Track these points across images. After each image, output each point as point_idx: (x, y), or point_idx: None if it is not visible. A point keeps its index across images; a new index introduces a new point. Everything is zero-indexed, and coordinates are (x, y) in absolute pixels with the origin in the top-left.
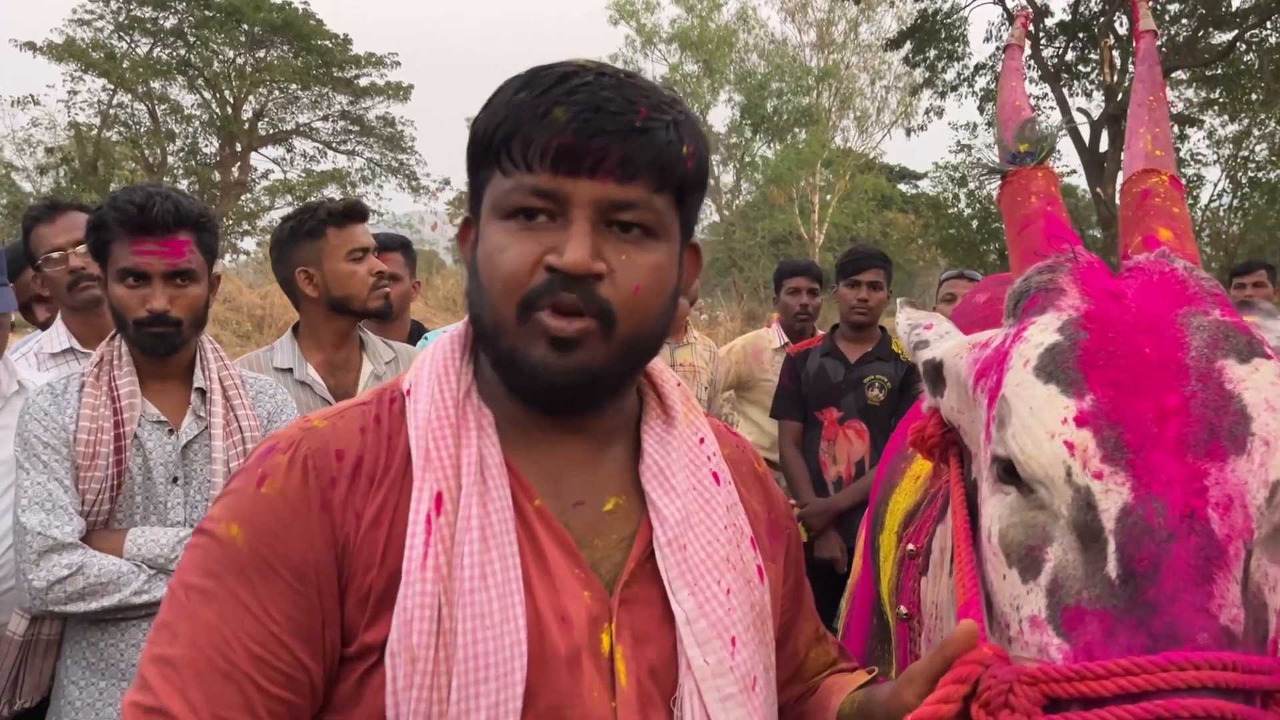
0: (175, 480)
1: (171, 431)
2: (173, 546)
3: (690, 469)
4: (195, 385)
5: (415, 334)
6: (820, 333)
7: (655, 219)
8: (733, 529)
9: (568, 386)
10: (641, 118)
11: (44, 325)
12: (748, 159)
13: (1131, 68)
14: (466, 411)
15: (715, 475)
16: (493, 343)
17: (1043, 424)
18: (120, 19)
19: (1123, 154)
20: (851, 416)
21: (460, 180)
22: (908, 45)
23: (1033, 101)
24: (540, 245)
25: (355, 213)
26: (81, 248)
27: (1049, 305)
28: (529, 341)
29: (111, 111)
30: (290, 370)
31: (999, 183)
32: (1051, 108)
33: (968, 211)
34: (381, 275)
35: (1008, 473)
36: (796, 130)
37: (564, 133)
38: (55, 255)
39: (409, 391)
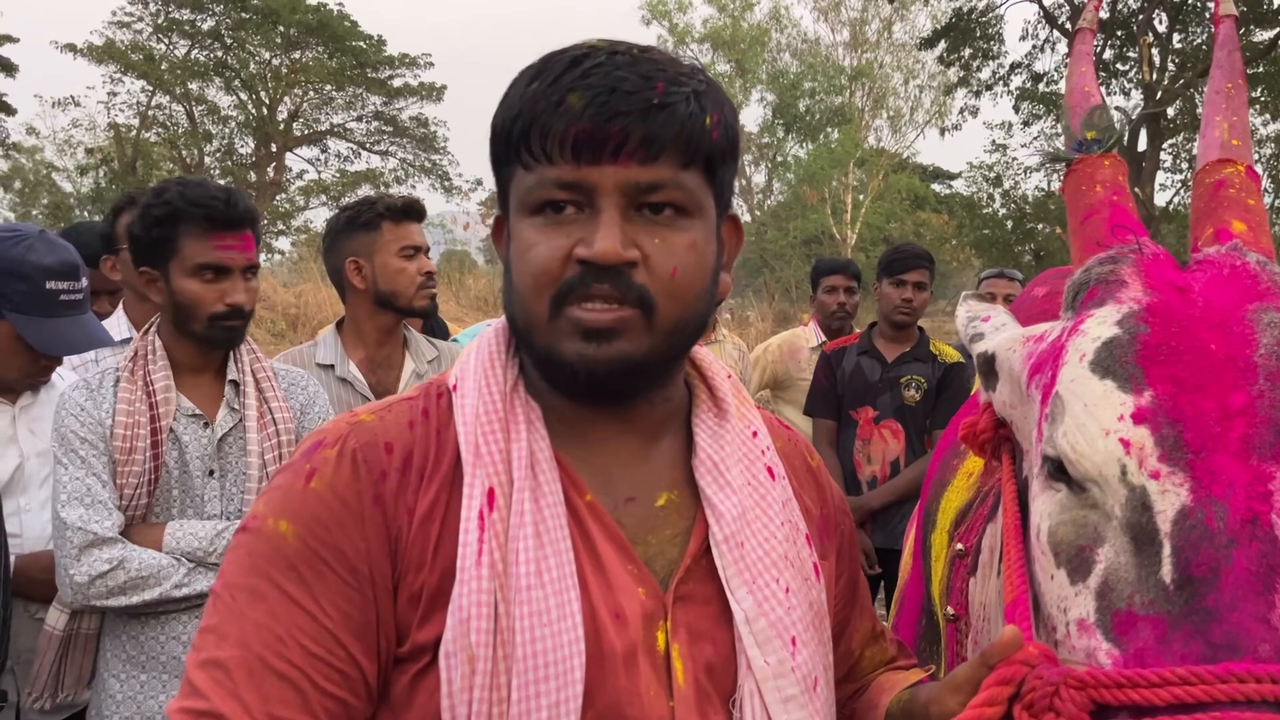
0: (211, 473)
1: (206, 425)
2: (211, 539)
3: (745, 463)
4: (229, 378)
5: (429, 331)
6: (857, 330)
7: (686, 197)
8: (789, 526)
9: (609, 376)
10: (659, 93)
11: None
12: (780, 159)
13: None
14: (514, 406)
15: (770, 470)
16: (528, 341)
17: (1097, 421)
18: (159, 21)
19: (1197, 142)
20: (887, 416)
21: (492, 181)
22: (942, 44)
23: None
24: (569, 238)
25: (413, 211)
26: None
27: (1109, 297)
28: (562, 337)
29: (150, 112)
30: (332, 366)
31: (1063, 172)
32: None
33: (1002, 212)
34: (430, 275)
35: (1058, 471)
36: (829, 130)
37: (581, 119)
38: None
39: (455, 387)
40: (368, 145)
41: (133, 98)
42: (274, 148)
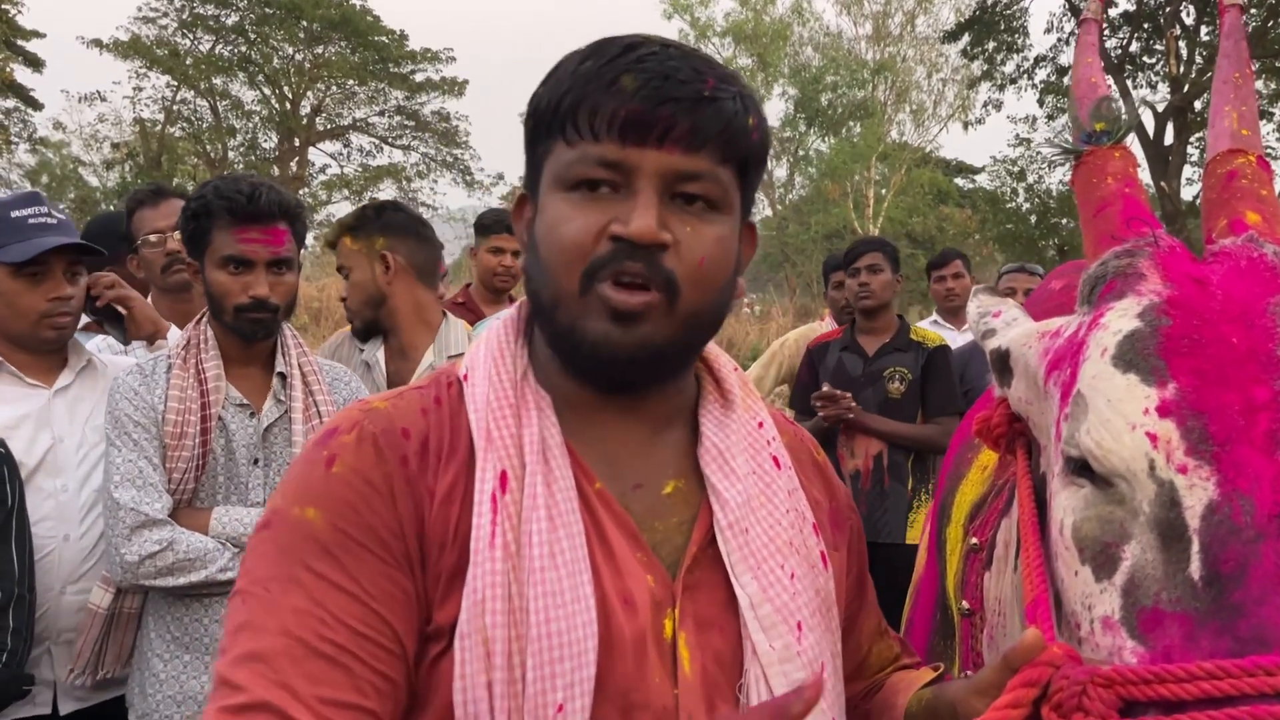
0: (256, 461)
1: (253, 414)
2: (255, 525)
3: (750, 453)
4: (277, 370)
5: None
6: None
7: (719, 191)
8: (794, 514)
9: (630, 360)
10: (710, 87)
11: None
12: (802, 153)
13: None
14: (525, 393)
15: (775, 460)
16: (551, 316)
17: (1123, 415)
18: (184, 16)
19: (1207, 134)
20: (870, 411)
21: (513, 176)
22: (966, 37)
23: None
24: (605, 215)
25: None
26: (179, 232)
27: (1128, 290)
28: (590, 315)
29: (175, 107)
30: (363, 349)
31: (1072, 164)
32: None
33: (1026, 206)
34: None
35: (1081, 468)
36: (851, 124)
37: (632, 100)
38: (154, 237)
39: (466, 376)
40: (390, 140)
41: (158, 93)
42: (297, 142)
